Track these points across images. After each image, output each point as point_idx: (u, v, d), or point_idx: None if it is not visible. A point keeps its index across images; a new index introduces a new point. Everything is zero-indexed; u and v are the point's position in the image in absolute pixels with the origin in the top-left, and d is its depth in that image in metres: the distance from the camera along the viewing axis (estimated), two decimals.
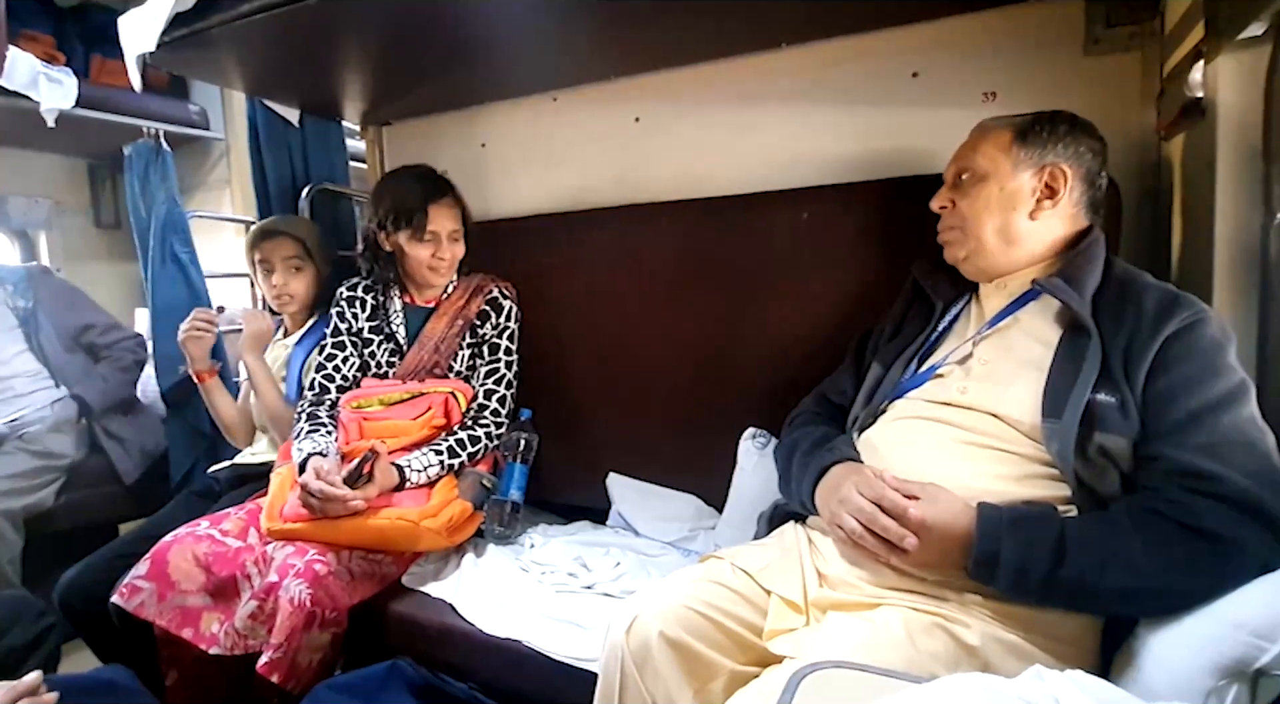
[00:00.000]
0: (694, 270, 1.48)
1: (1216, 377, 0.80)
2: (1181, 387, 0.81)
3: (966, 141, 1.02)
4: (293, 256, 1.67)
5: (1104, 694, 0.52)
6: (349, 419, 1.44)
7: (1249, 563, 0.72)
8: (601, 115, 1.70)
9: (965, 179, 1.00)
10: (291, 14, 1.18)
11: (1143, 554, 0.75)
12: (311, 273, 1.70)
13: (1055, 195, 0.94)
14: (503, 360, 1.56)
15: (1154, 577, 0.74)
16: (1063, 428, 0.83)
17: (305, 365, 1.65)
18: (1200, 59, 0.99)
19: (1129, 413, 0.82)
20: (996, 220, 0.96)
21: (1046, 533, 0.78)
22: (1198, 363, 0.81)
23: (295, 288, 1.67)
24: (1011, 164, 0.95)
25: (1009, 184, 0.95)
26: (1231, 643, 0.66)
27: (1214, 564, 0.73)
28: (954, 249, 1.02)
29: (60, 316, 1.98)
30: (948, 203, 1.02)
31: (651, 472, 1.54)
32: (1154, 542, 0.75)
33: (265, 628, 1.16)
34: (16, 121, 1.94)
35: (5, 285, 1.99)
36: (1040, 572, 0.77)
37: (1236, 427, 0.78)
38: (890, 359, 1.08)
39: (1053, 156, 0.94)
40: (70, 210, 2.63)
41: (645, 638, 0.85)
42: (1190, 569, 0.73)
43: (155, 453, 2.06)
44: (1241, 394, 0.80)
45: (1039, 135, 0.95)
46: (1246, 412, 0.79)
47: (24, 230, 2.54)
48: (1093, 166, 0.96)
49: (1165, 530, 0.76)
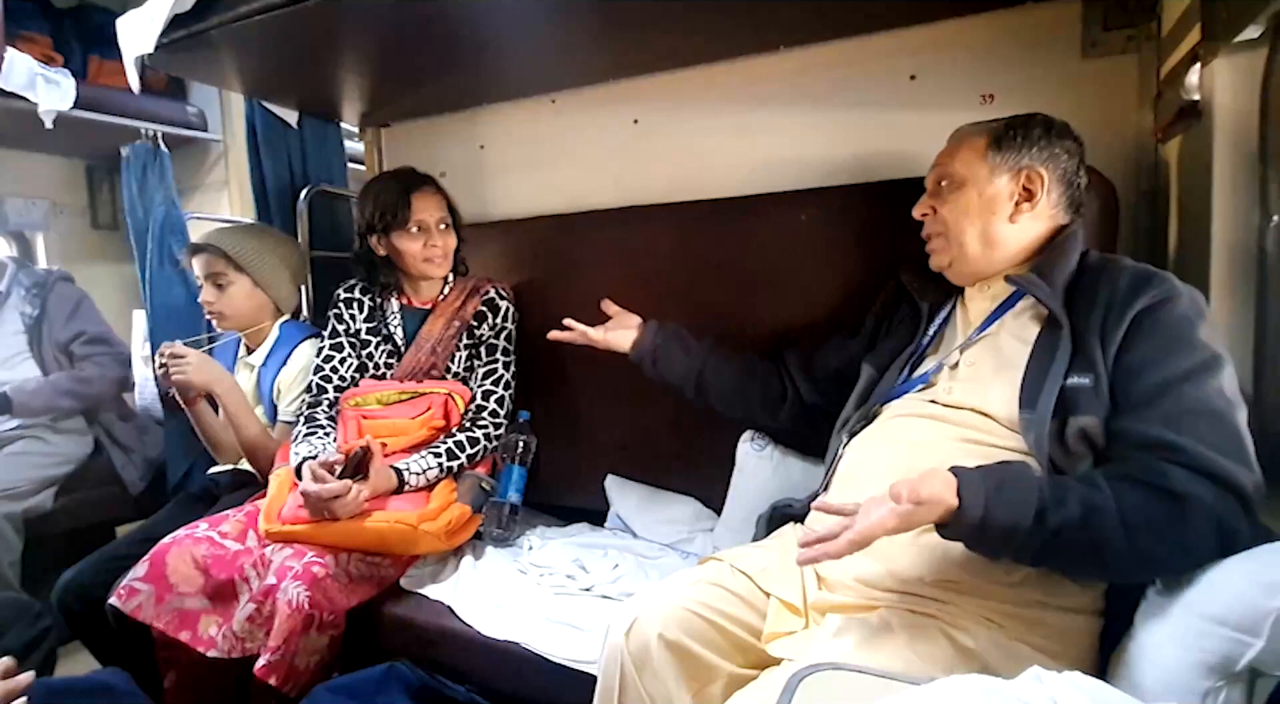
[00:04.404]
0: (692, 272, 1.48)
1: (1183, 351, 0.81)
2: (1148, 361, 0.81)
3: (945, 148, 1.03)
4: (216, 272, 1.59)
5: (1101, 695, 0.52)
6: (349, 417, 1.45)
7: (1206, 522, 0.72)
8: (600, 117, 1.70)
9: (944, 186, 1.01)
10: (290, 15, 1.19)
11: (1115, 515, 0.74)
12: (245, 285, 1.61)
13: (1033, 198, 0.95)
14: (500, 361, 1.56)
15: (1124, 535, 0.74)
16: (1037, 417, 0.84)
17: (276, 386, 1.60)
18: (1197, 62, 0.99)
19: (1101, 391, 0.83)
20: (976, 225, 0.98)
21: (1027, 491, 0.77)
22: (1165, 337, 0.82)
23: (223, 304, 1.60)
24: (988, 169, 0.97)
25: (987, 189, 0.97)
26: (1217, 639, 0.66)
27: (1176, 523, 0.73)
28: (939, 257, 1.03)
29: (61, 325, 1.97)
30: (929, 210, 1.03)
31: (650, 474, 1.54)
32: (1124, 501, 0.75)
33: (263, 630, 1.16)
34: (14, 123, 1.93)
35: (19, 289, 1.98)
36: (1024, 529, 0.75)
37: (1201, 399, 0.78)
38: (884, 363, 1.09)
39: (1028, 160, 0.95)
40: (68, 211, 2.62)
41: (645, 640, 0.85)
42: (1156, 529, 0.73)
43: (160, 461, 2.06)
44: (1209, 368, 0.80)
45: (1013, 140, 0.96)
46: (1214, 384, 0.79)
47: (21, 232, 2.53)
48: (1069, 167, 0.97)
49: (1134, 491, 0.75)
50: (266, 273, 1.63)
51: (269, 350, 1.65)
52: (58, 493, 1.90)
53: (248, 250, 1.61)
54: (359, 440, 1.33)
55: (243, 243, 1.62)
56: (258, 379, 1.64)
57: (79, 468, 1.95)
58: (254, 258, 1.61)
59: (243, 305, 1.62)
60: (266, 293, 1.64)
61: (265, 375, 1.63)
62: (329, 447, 1.38)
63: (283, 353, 1.62)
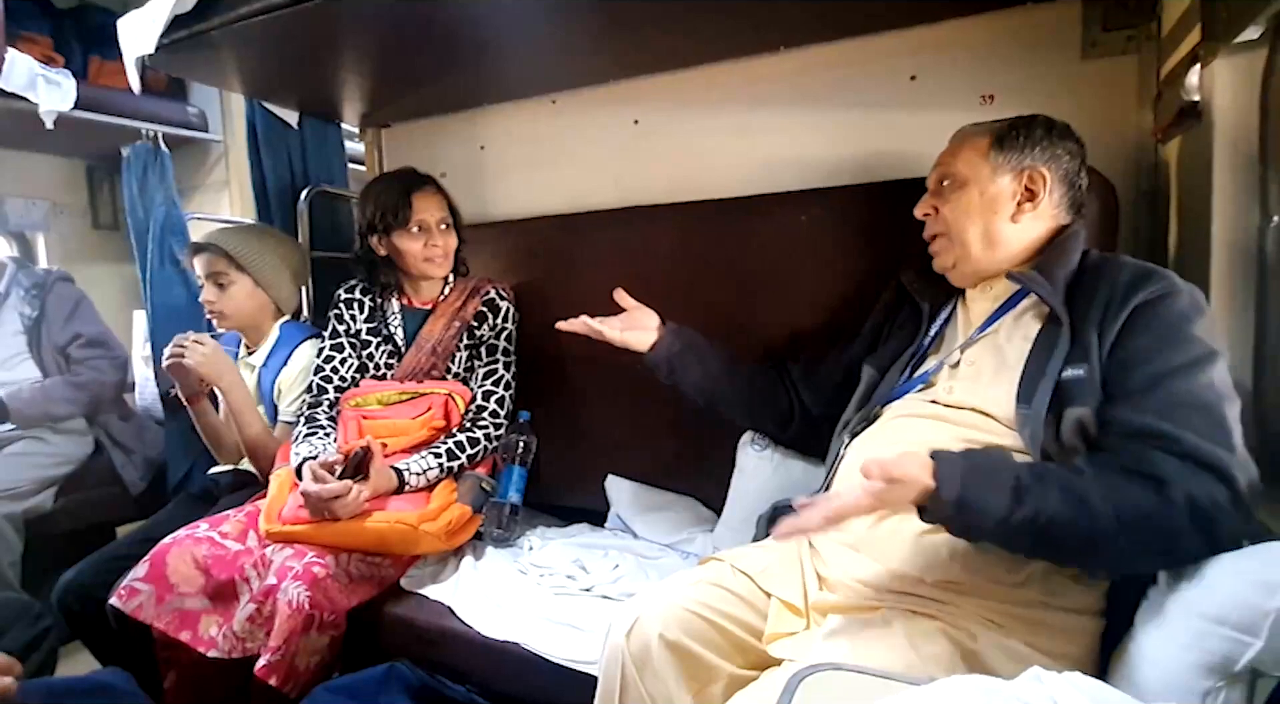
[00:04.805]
0: (693, 273, 1.48)
1: (1178, 345, 0.81)
2: (1143, 353, 0.82)
3: (947, 148, 1.04)
4: (218, 272, 1.59)
5: (1101, 696, 0.52)
6: (348, 417, 1.45)
7: (1190, 506, 0.71)
8: (600, 118, 1.70)
9: (946, 185, 1.01)
10: (291, 16, 1.19)
11: (1099, 498, 0.74)
12: (246, 285, 1.61)
13: (1035, 198, 0.96)
14: (500, 361, 1.56)
15: (1107, 519, 0.73)
16: (1033, 412, 0.84)
17: (276, 386, 1.60)
18: (1197, 62, 0.99)
19: (1094, 381, 0.83)
20: (979, 225, 0.98)
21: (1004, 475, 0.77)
22: (1161, 332, 0.82)
23: (224, 304, 1.60)
24: (990, 169, 0.97)
25: (989, 189, 0.97)
26: (1217, 639, 0.66)
27: (1160, 508, 0.72)
28: (942, 258, 1.04)
29: (59, 326, 1.97)
30: (930, 210, 1.04)
31: (650, 474, 1.54)
32: (1108, 484, 0.75)
33: (264, 630, 1.16)
34: (14, 123, 1.93)
35: (18, 289, 1.98)
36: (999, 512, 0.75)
37: (1193, 391, 0.78)
38: (885, 365, 1.09)
39: (1030, 160, 0.96)
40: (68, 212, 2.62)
41: (646, 640, 0.85)
42: (1140, 513, 0.73)
43: (160, 461, 2.06)
44: (1202, 362, 0.79)
45: (1016, 140, 0.96)
46: (1205, 378, 0.79)
47: (22, 232, 2.53)
48: (1071, 167, 0.97)
49: (1118, 476, 0.75)
50: (268, 273, 1.63)
51: (269, 351, 1.64)
52: (58, 493, 1.90)
53: (249, 250, 1.61)
54: (359, 441, 1.33)
55: (244, 243, 1.61)
56: (258, 379, 1.64)
57: (79, 468, 1.95)
58: (255, 258, 1.61)
59: (244, 305, 1.62)
60: (268, 293, 1.64)
61: (265, 376, 1.63)
62: (329, 447, 1.38)
63: (283, 353, 1.62)
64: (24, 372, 1.94)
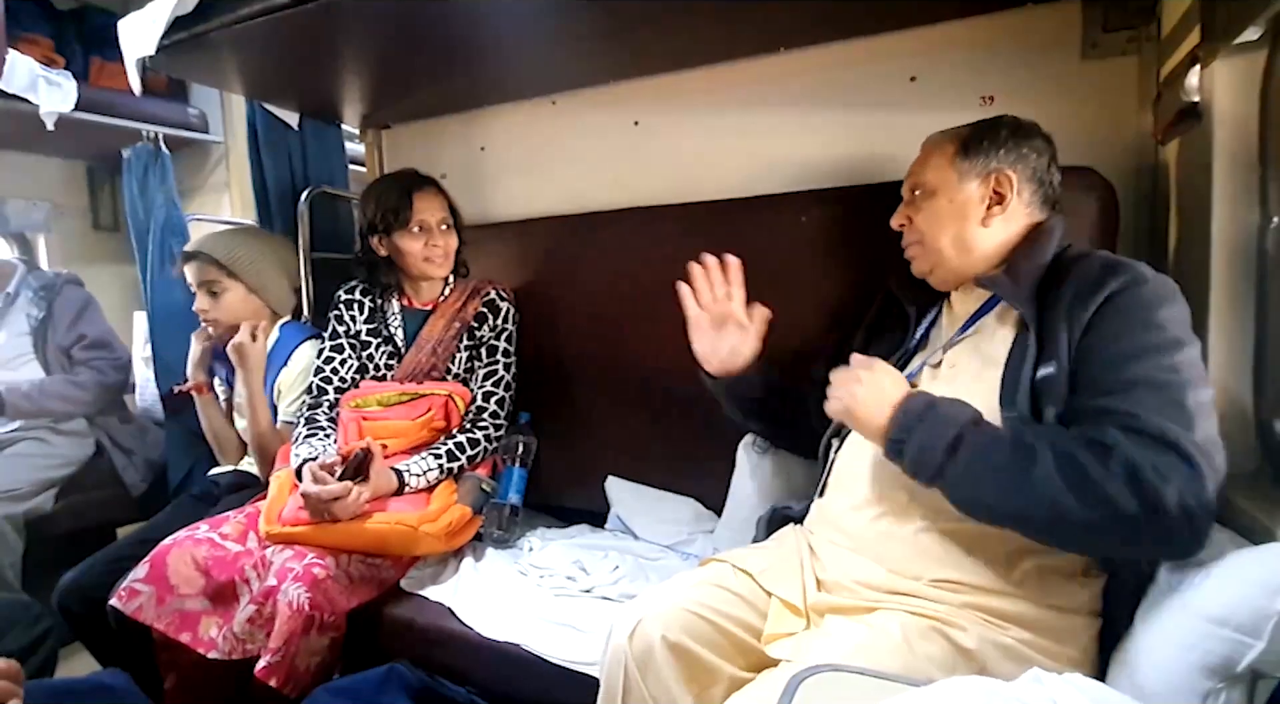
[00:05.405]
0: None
1: (1139, 330, 0.81)
2: (1106, 341, 0.82)
3: (917, 157, 1.04)
4: (210, 280, 1.58)
5: (1101, 696, 0.52)
6: (348, 418, 1.45)
7: (1127, 466, 0.71)
8: (601, 119, 1.70)
9: (918, 195, 1.02)
10: (292, 17, 1.19)
11: (1043, 457, 0.75)
12: (239, 291, 1.60)
13: (1004, 200, 0.96)
14: (500, 362, 1.56)
15: (1047, 472, 0.74)
16: (1017, 415, 0.84)
17: (276, 387, 1.60)
18: (1197, 63, 0.99)
19: (1064, 376, 0.83)
20: (950, 232, 0.98)
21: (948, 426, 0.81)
22: (1125, 319, 0.82)
23: (219, 312, 1.59)
24: (957, 176, 0.98)
25: (957, 196, 0.97)
26: (1217, 640, 0.66)
27: (1097, 465, 0.72)
28: (918, 264, 1.04)
29: (65, 328, 1.97)
30: (905, 220, 1.04)
31: (650, 475, 1.54)
32: (1057, 445, 0.76)
33: (264, 632, 1.16)
34: (15, 124, 1.93)
35: (28, 291, 1.98)
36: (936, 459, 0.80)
37: (1149, 373, 0.78)
38: None
39: (996, 163, 0.96)
40: (69, 213, 2.62)
41: (648, 642, 0.85)
42: (1078, 468, 0.73)
43: (160, 463, 2.06)
44: (1165, 347, 0.79)
45: (980, 144, 0.97)
46: (1167, 361, 0.78)
47: (22, 233, 2.53)
48: (1039, 165, 0.97)
49: (1069, 441, 0.76)
50: (260, 277, 1.62)
51: (269, 352, 1.64)
52: (59, 494, 1.90)
53: (240, 255, 1.59)
54: (359, 442, 1.33)
55: (234, 248, 1.60)
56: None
57: (80, 469, 1.95)
58: (247, 263, 1.60)
59: (239, 311, 1.61)
60: (261, 297, 1.64)
61: (266, 376, 1.62)
62: (329, 448, 1.38)
63: (283, 354, 1.62)
64: (28, 372, 1.94)
